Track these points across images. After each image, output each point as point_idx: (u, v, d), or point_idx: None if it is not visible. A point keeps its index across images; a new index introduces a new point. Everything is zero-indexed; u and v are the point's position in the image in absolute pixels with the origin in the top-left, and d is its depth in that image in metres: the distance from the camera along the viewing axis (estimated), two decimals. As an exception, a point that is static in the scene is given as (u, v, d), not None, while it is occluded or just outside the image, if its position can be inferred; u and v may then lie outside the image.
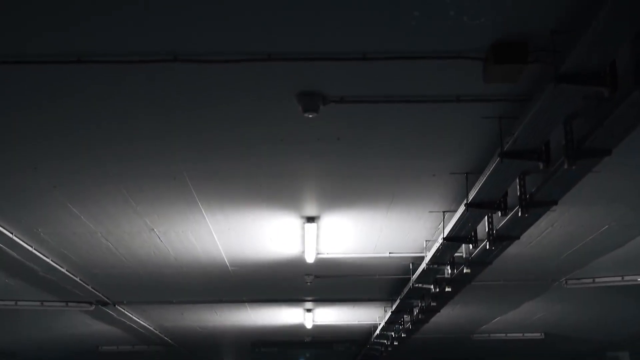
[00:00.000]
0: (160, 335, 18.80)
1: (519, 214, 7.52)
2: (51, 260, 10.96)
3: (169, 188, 8.07)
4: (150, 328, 17.75)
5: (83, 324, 16.92)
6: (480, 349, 22.29)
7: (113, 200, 8.43)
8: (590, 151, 6.07)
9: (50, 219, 9.16)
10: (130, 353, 21.33)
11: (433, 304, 12.88)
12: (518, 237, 8.86)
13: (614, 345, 20.94)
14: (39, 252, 10.50)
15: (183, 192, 8.18)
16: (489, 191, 7.27)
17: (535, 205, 7.46)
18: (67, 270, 11.69)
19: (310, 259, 10.82)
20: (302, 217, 9.23)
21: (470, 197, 7.55)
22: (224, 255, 11.11)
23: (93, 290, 13.25)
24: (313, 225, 9.36)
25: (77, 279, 12.31)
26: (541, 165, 6.31)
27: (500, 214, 7.73)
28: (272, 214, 9.11)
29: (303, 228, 9.59)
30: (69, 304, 14.18)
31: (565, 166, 6.14)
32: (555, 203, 7.50)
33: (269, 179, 7.89)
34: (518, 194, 7.44)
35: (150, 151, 7.18)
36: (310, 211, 9.05)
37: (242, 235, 10.02)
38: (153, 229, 9.63)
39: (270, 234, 9.99)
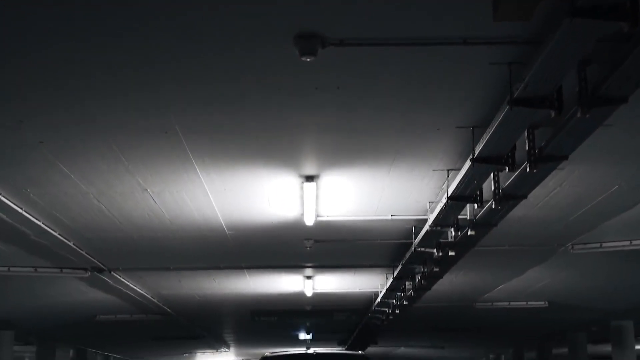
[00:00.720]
0: (158, 303, 18.53)
1: (528, 170, 7.18)
2: (42, 223, 10.64)
3: (160, 143, 7.71)
4: (148, 296, 17.48)
5: (79, 292, 16.64)
6: (483, 318, 22.03)
7: (103, 157, 8.09)
8: (606, 98, 5.73)
9: (40, 178, 8.83)
10: (128, 322, 21.07)
11: (436, 269, 12.56)
12: (525, 197, 8.52)
13: (618, 314, 20.69)
14: (29, 214, 10.17)
15: (176, 148, 7.83)
16: (496, 144, 6.91)
17: (545, 160, 7.11)
18: (59, 235, 11.38)
19: (309, 221, 10.49)
20: (301, 176, 8.88)
21: (477, 152, 7.20)
22: (220, 218, 10.79)
23: (87, 256, 12.94)
24: (312, 184, 9.01)
25: (71, 244, 12.00)
26: (553, 114, 5.95)
27: (507, 170, 7.38)
28: (270, 172, 8.76)
29: (302, 188, 9.25)
30: (64, 270, 13.88)
31: (579, 114, 5.78)
32: (566, 158, 7.15)
33: (265, 133, 7.53)
34: (527, 148, 7.10)
35: (140, 103, 6.83)
36: (310, 170, 8.70)
37: (238, 196, 9.69)
38: (146, 189, 9.29)
39: (268, 194, 9.66)
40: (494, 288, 17.27)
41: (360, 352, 11.68)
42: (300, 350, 13.48)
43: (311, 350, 11.85)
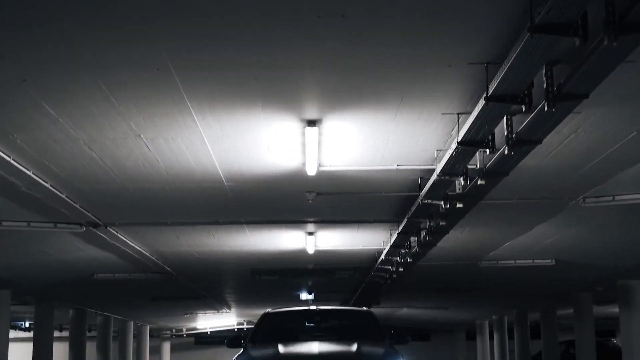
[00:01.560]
0: (157, 261, 18.15)
1: (545, 109, 6.71)
2: (33, 173, 10.17)
3: (152, 82, 7.22)
4: (146, 254, 17.08)
5: (75, 249, 16.26)
6: (488, 278, 21.68)
7: (91, 97, 7.59)
8: (635, 25, 5.26)
9: (26, 122, 8.35)
10: (127, 281, 20.71)
11: (442, 223, 12.15)
12: (540, 142, 8.06)
13: (625, 273, 20.32)
14: (18, 163, 9.71)
15: (169, 87, 7.33)
16: (513, 80, 6.42)
17: (564, 99, 6.64)
18: (51, 186, 10.93)
19: (311, 171, 10.01)
20: (303, 120, 8.38)
21: (491, 90, 6.72)
22: (218, 168, 10.32)
23: (82, 209, 12.51)
24: (314, 129, 8.51)
25: (64, 196, 11.55)
26: (577, 42, 5.46)
27: (524, 109, 6.90)
28: (269, 116, 8.27)
29: (303, 134, 8.75)
30: (58, 225, 13.46)
31: (606, 42, 5.30)
32: (586, 96, 6.68)
33: (264, 70, 7.02)
34: (545, 86, 6.63)
35: (129, 36, 6.34)
36: (311, 113, 8.20)
37: (237, 143, 9.20)
38: (139, 135, 8.81)
39: (268, 141, 9.17)
40: (500, 245, 16.86)
41: (365, 308, 11.28)
42: (302, 307, 13.16)
43: (313, 307, 11.48)
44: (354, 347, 9.24)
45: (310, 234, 15.35)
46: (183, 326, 40.69)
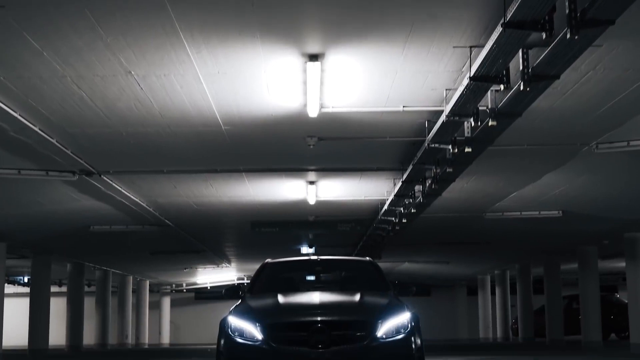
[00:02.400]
0: (154, 213, 17.71)
1: (568, 36, 6.19)
2: (20, 115, 9.67)
3: (142, 9, 6.69)
4: (143, 204, 16.63)
5: (70, 199, 15.80)
6: (492, 230, 21.24)
7: (77, 28, 7.06)
8: None
9: (9, 57, 7.84)
10: (124, 234, 20.31)
11: (449, 170, 11.66)
12: (557, 77, 7.56)
13: (633, 225, 19.92)
14: (3, 104, 9.21)
15: (160, 15, 6.79)
16: (534, 2, 5.90)
17: (588, 25, 6.12)
18: (40, 130, 10.43)
19: (313, 112, 9.50)
20: (304, 54, 7.84)
21: (509, 15, 6.19)
22: (215, 110, 9.81)
23: (74, 156, 12.02)
24: (316, 65, 7.97)
25: (54, 141, 11.06)
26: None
27: (544, 37, 6.37)
28: (269, 50, 7.73)
29: (305, 70, 8.22)
30: (50, 173, 12.97)
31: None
32: (612, 23, 6.17)
33: (262, -3, 6.51)
34: (567, 11, 6.10)
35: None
36: (313, 46, 7.66)
37: (234, 81, 8.67)
38: (130, 72, 8.28)
39: (267, 79, 8.64)
40: (506, 196, 16.39)
41: (368, 258, 10.80)
42: (303, 256, 12.72)
43: (314, 257, 11.01)
44: (357, 297, 8.79)
45: (312, 183, 14.86)
46: (183, 281, 40.43)
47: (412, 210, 15.42)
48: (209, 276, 36.87)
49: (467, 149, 10.13)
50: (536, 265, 30.19)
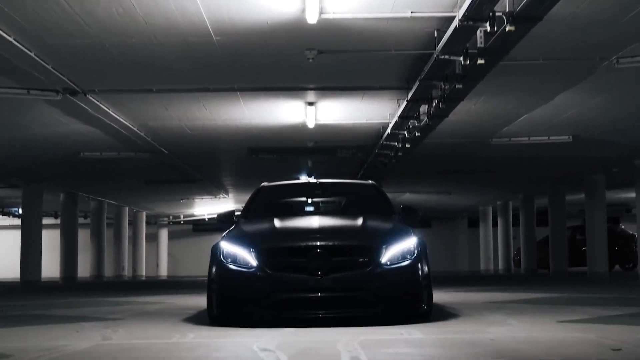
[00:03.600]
0: (146, 138, 16.93)
1: None
2: (-9, 22, 8.88)
3: None
4: (134, 129, 15.84)
5: (56, 122, 15.00)
6: (497, 158, 20.46)
7: None
8: None
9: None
10: (115, 160, 19.54)
11: (458, 86, 10.84)
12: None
13: (644, 152, 19.29)
14: (-29, 8, 8.41)
15: None
16: None
17: None
18: (16, 41, 9.60)
19: (312, 18, 8.65)
20: (302, -54, 7.02)
21: None
22: (205, 17, 8.95)
23: (55, 72, 11.21)
24: (316, -41, 7.15)
25: (32, 54, 10.23)
26: None
27: None
28: (262, -60, 6.90)
29: (303, -35, 7.38)
30: (31, 91, 12.16)
31: None
32: None
33: None
34: None
35: None
36: None
37: (224, -19, 7.85)
38: (108, -32, 7.45)
39: (262, -24, 7.81)
40: (515, 119, 15.59)
41: (370, 181, 10.06)
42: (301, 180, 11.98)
43: (314, 180, 10.27)
44: (359, 221, 8.08)
45: (311, 104, 14.02)
46: (180, 213, 39.90)
47: (417, 134, 14.66)
48: (206, 207, 36.23)
49: (480, 61, 9.32)
50: (539, 196, 29.60)
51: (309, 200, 10.28)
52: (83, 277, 30.20)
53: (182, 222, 41.75)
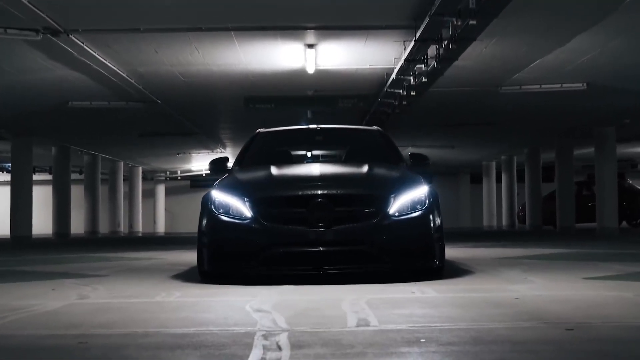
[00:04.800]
0: (137, 85, 16.06)
1: None
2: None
3: None
4: (123, 75, 14.98)
5: (40, 67, 14.14)
6: (505, 109, 19.60)
7: None
8: None
9: None
10: (106, 110, 18.69)
11: (472, 22, 9.96)
12: None
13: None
14: None
15: None
16: None
17: None
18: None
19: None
20: None
21: None
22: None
23: (33, 7, 10.34)
24: None
25: (3, -14, 9.40)
26: None
27: None
28: None
29: None
30: (8, 30, 11.26)
31: None
32: None
33: None
34: None
35: None
36: None
37: None
38: None
39: None
40: (528, 65, 14.69)
41: (376, 127, 9.25)
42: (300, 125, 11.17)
43: (314, 126, 9.46)
44: (365, 169, 7.31)
45: (310, 46, 13.11)
46: (177, 168, 39.16)
47: (423, 80, 13.80)
48: (204, 163, 35.43)
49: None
50: (545, 150, 28.81)
51: (310, 148, 9.50)
52: (77, 233, 29.57)
53: (179, 177, 41.07)
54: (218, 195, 6.88)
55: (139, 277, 7.62)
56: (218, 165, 8.07)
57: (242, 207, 6.67)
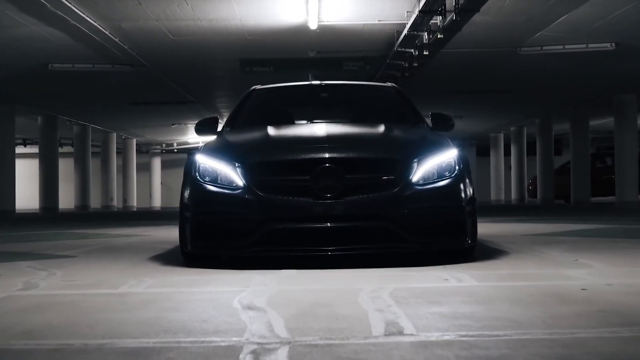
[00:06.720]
0: (122, 45, 14.69)
1: None
2: None
3: None
4: (105, 32, 13.61)
5: (13, 22, 12.82)
6: (525, 70, 18.16)
7: None
8: None
9: None
10: (91, 74, 17.33)
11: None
12: None
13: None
14: None
15: None
16: None
17: None
18: None
19: None
20: None
21: None
22: None
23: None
24: None
25: None
26: None
27: None
28: None
29: None
30: (-32, -25, 9.96)
31: None
32: None
33: None
34: None
35: None
36: None
37: None
38: None
39: None
40: (552, 21, 13.34)
41: (390, 83, 7.91)
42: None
43: (317, 82, 8.07)
44: (381, 129, 6.00)
45: (313, 1, 11.79)
46: (173, 140, 37.87)
47: (438, 37, 12.43)
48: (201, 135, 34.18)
49: None
50: (557, 121, 27.49)
51: (313, 108, 8.13)
52: (67, 208, 28.31)
53: (175, 150, 39.81)
54: (203, 160, 5.55)
55: (111, 258, 6.36)
56: (206, 126, 6.70)
57: (232, 174, 5.36)
